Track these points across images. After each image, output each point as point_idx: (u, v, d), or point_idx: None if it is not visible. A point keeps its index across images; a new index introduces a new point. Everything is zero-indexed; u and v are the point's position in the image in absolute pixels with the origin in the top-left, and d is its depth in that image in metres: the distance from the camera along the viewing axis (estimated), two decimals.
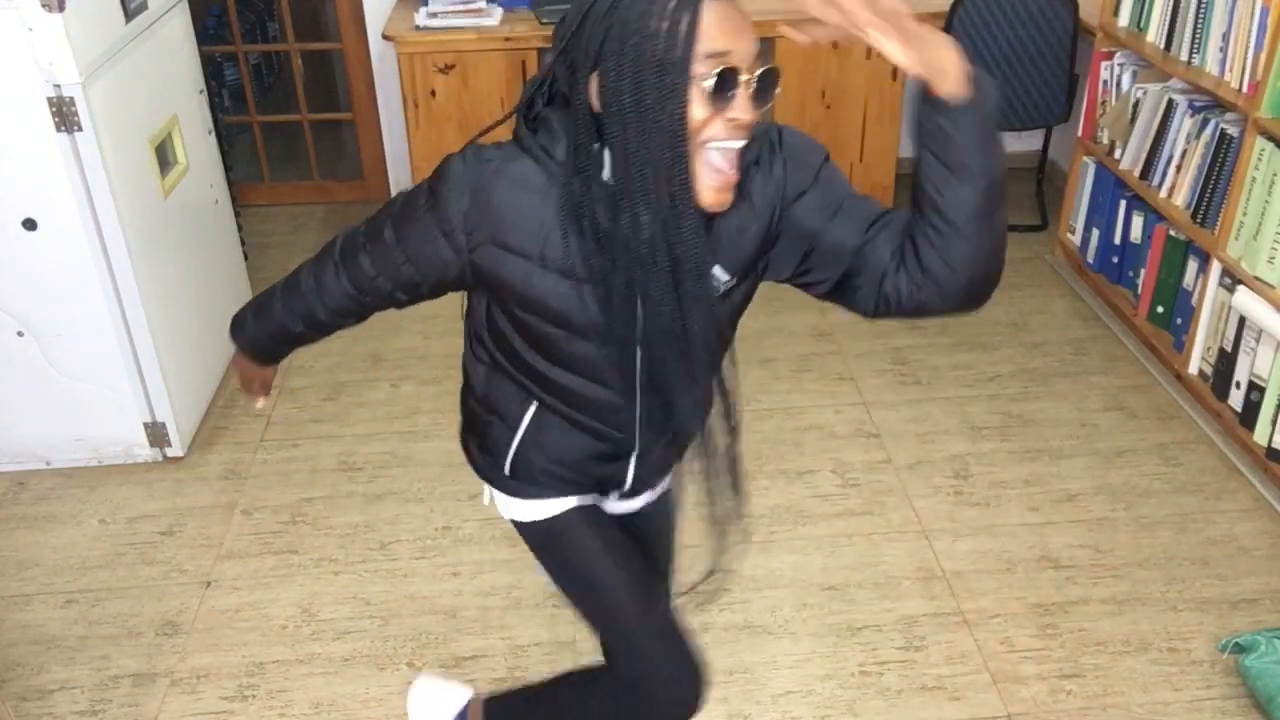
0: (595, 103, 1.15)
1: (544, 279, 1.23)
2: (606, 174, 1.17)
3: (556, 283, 1.23)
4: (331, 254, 1.40)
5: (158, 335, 2.76)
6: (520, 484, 1.48)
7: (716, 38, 1.09)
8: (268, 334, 1.52)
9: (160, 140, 2.85)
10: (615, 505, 1.57)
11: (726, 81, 1.10)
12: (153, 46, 2.83)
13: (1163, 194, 3.17)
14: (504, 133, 1.30)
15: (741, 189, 1.19)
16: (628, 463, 1.46)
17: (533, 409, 1.42)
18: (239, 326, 1.55)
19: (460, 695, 1.91)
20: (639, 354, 1.29)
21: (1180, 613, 2.36)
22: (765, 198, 1.24)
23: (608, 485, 1.50)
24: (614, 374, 1.31)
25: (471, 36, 3.64)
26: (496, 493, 1.52)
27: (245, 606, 2.44)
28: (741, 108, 1.11)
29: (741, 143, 1.13)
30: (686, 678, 1.46)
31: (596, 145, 1.16)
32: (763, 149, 1.24)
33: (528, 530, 1.52)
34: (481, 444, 1.52)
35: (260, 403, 1.69)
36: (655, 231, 1.15)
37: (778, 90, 1.15)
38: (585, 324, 1.26)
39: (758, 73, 1.12)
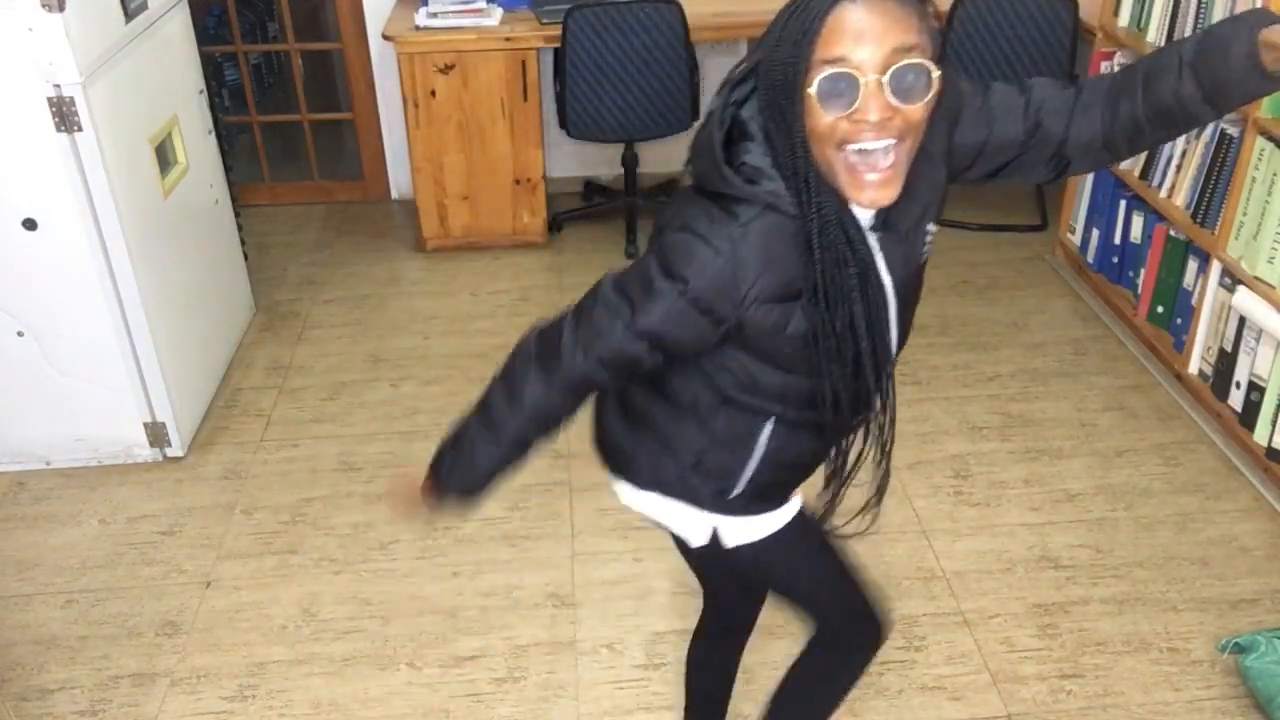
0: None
1: (793, 310, 1.25)
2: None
3: (799, 308, 1.25)
4: (540, 365, 1.35)
5: (158, 335, 2.76)
6: (753, 503, 1.49)
7: (834, 43, 1.10)
8: (476, 469, 1.46)
9: (160, 140, 2.85)
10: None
11: (836, 86, 1.11)
12: (153, 46, 2.83)
13: (1163, 194, 3.17)
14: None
15: (923, 154, 1.21)
16: (840, 451, 1.51)
17: (769, 427, 1.40)
18: (445, 468, 1.48)
19: None
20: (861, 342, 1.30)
21: (1180, 613, 2.36)
22: (938, 145, 1.29)
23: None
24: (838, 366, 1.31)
25: (471, 36, 3.64)
26: (722, 523, 1.49)
27: (245, 606, 2.44)
28: (869, 108, 1.11)
29: (882, 143, 1.13)
30: (882, 610, 1.61)
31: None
32: None
33: (750, 550, 1.52)
34: (707, 475, 1.45)
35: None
36: (834, 233, 1.19)
37: (932, 85, 1.13)
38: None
39: (890, 72, 1.10)
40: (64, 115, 2.43)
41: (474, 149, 3.81)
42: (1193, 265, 3.07)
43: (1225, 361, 2.88)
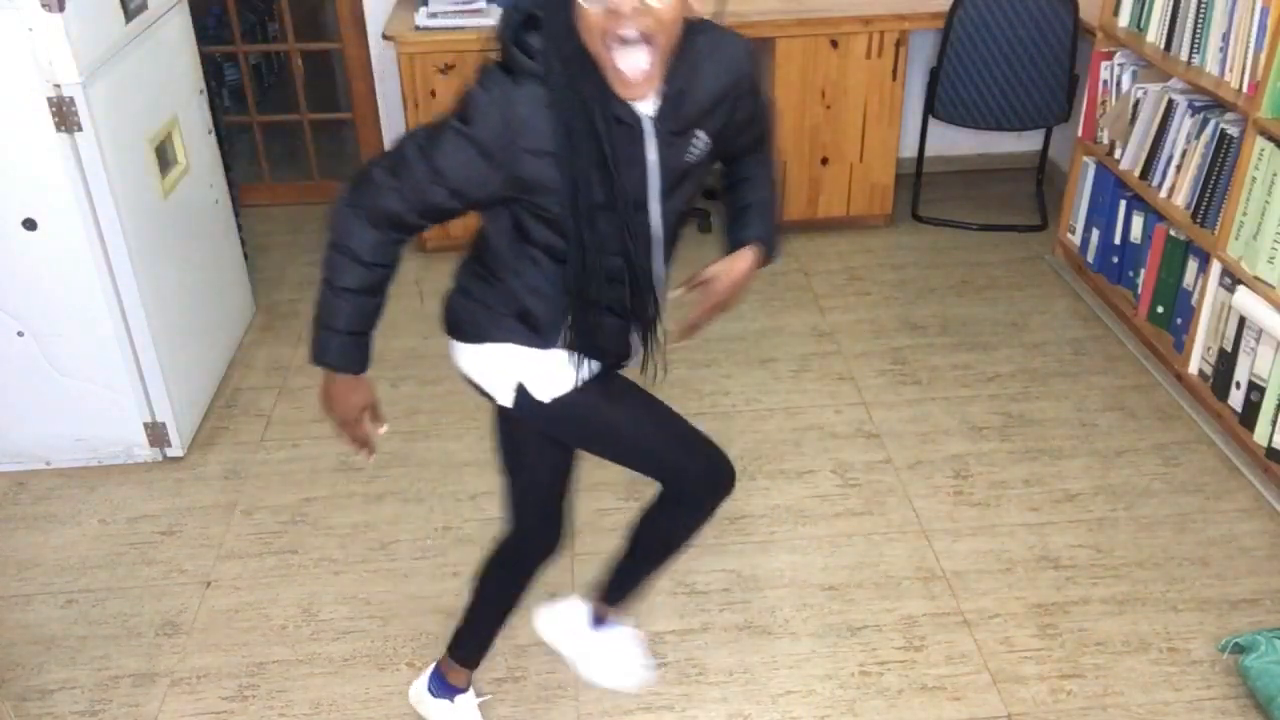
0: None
1: (555, 168, 1.46)
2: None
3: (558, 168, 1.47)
4: (355, 211, 1.51)
5: (158, 335, 2.76)
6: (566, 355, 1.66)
7: None
8: (346, 325, 1.58)
9: (160, 140, 2.85)
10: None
11: None
12: (153, 46, 2.83)
13: (1163, 194, 3.17)
14: None
15: (686, 68, 1.47)
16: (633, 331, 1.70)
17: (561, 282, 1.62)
18: (319, 346, 1.60)
19: (577, 607, 2.11)
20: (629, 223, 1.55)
21: (1180, 613, 2.36)
22: (713, 85, 1.53)
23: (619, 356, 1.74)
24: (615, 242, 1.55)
25: (471, 36, 3.63)
26: (530, 376, 1.66)
27: (245, 606, 2.44)
28: (623, 2, 1.33)
29: (635, 33, 1.35)
30: (725, 460, 1.79)
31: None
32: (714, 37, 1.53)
33: (562, 406, 1.68)
34: (522, 322, 1.64)
35: (382, 429, 1.72)
36: (596, 119, 1.43)
37: None
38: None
39: None
40: (64, 115, 2.43)
41: None
42: (1193, 265, 3.07)
43: (1225, 361, 2.88)
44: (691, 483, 1.80)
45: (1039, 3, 3.66)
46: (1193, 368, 3.05)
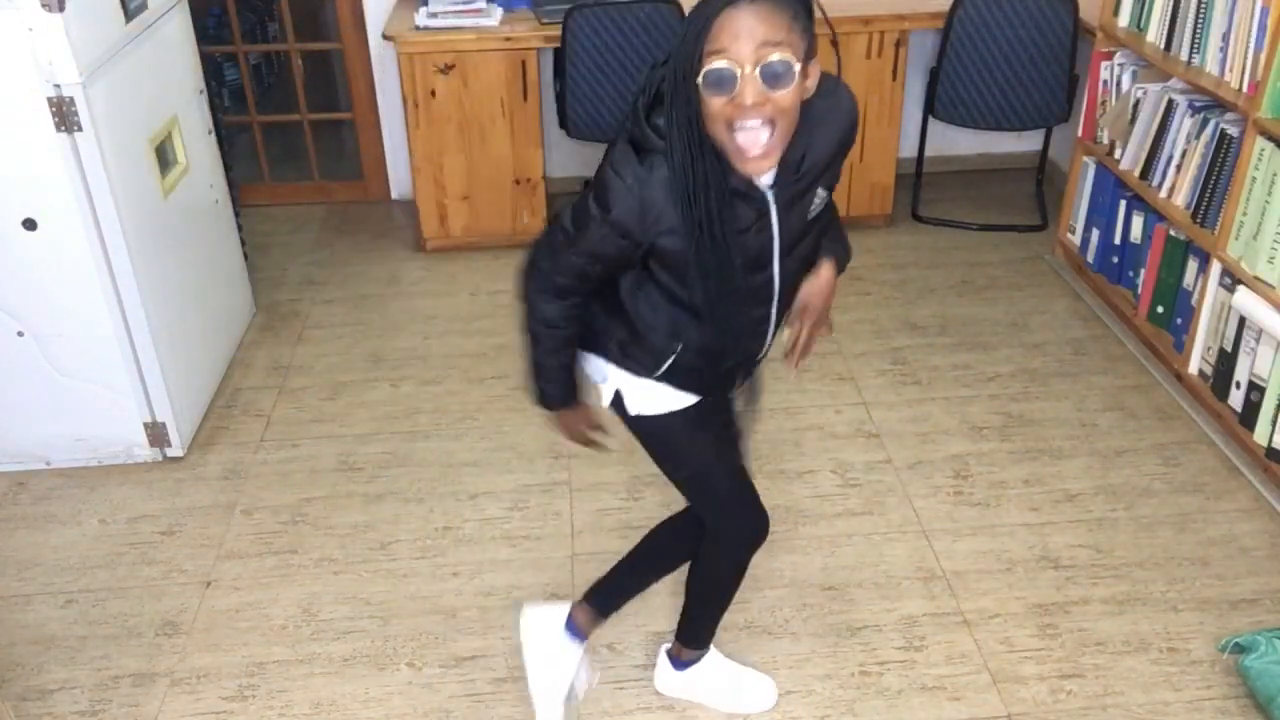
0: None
1: (685, 243, 1.55)
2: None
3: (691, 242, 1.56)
4: (538, 292, 1.70)
5: (158, 335, 2.76)
6: (663, 380, 1.77)
7: (719, 41, 1.38)
8: (557, 377, 1.79)
9: (160, 140, 2.85)
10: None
11: (719, 75, 1.38)
12: (153, 46, 2.83)
13: (1163, 194, 3.17)
14: None
15: (804, 134, 1.52)
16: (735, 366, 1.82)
17: (681, 324, 1.71)
18: (542, 395, 1.82)
19: (560, 610, 2.09)
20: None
21: (1180, 613, 2.36)
22: (824, 146, 1.58)
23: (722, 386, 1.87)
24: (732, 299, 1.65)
25: (471, 36, 3.64)
26: (628, 388, 1.78)
27: (245, 606, 2.44)
28: (745, 93, 1.38)
29: (755, 122, 1.40)
30: (766, 520, 1.91)
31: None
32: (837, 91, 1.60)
33: (648, 422, 1.81)
34: (638, 349, 1.75)
35: (613, 443, 1.89)
36: (712, 199, 1.49)
37: (795, 76, 1.41)
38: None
39: (760, 65, 1.38)
40: (64, 115, 2.43)
41: (474, 149, 3.80)
42: (1193, 265, 3.07)
43: (1225, 361, 2.88)
44: (732, 530, 1.92)
45: (1039, 3, 3.66)
46: (1193, 368, 3.05)
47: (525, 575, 2.50)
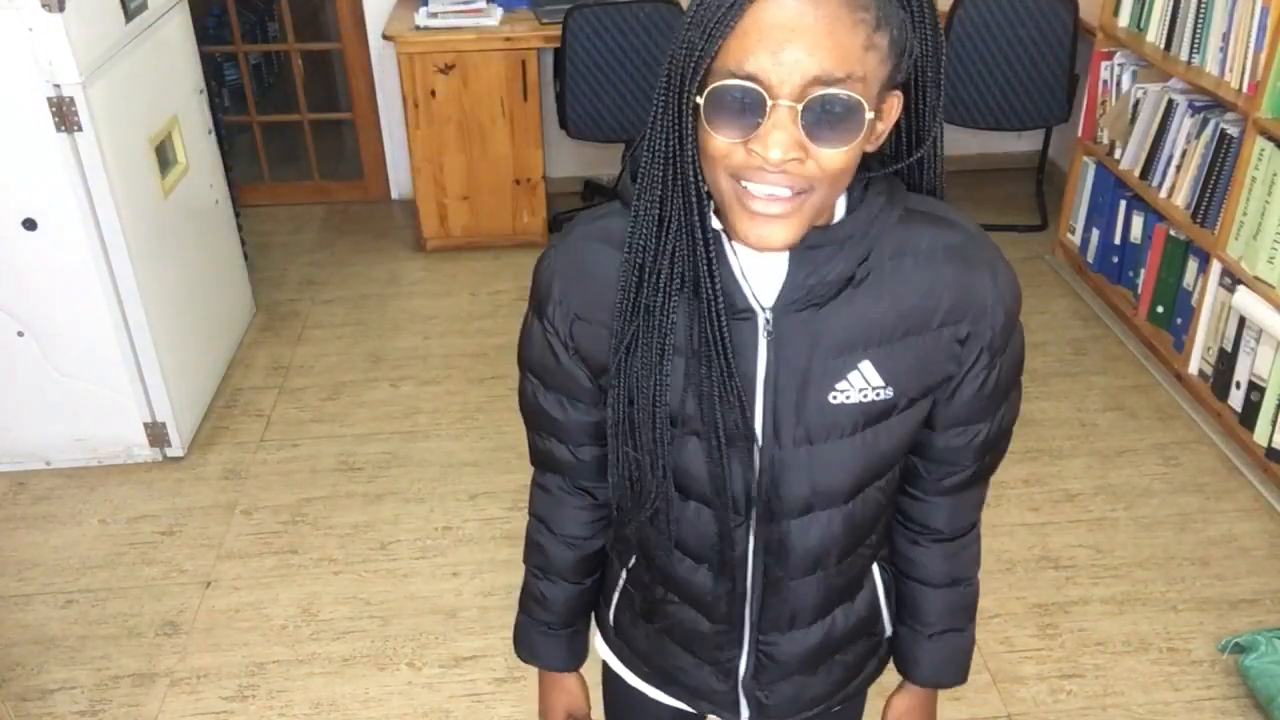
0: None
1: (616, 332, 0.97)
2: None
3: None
4: (538, 483, 1.26)
5: (158, 335, 2.76)
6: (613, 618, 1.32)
7: (747, 43, 0.79)
8: (557, 614, 1.30)
9: (160, 140, 2.85)
10: None
11: (735, 101, 0.81)
12: (153, 46, 2.83)
13: (1163, 194, 3.17)
14: None
15: (872, 245, 0.95)
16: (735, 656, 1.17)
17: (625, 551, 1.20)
18: (523, 640, 1.32)
19: None
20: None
21: (1180, 613, 2.36)
22: (935, 295, 0.98)
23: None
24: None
25: (471, 36, 3.64)
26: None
27: (245, 606, 2.44)
28: (772, 140, 0.81)
29: (771, 189, 0.84)
30: None
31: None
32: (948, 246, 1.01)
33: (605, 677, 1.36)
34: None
35: None
36: (684, 261, 0.91)
37: (858, 124, 0.83)
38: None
39: (806, 101, 0.80)
40: (64, 115, 2.43)
41: (474, 149, 3.81)
42: (1193, 265, 3.07)
43: (1225, 361, 2.88)
44: None
45: (1039, 3, 3.66)
46: (1193, 368, 3.05)
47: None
